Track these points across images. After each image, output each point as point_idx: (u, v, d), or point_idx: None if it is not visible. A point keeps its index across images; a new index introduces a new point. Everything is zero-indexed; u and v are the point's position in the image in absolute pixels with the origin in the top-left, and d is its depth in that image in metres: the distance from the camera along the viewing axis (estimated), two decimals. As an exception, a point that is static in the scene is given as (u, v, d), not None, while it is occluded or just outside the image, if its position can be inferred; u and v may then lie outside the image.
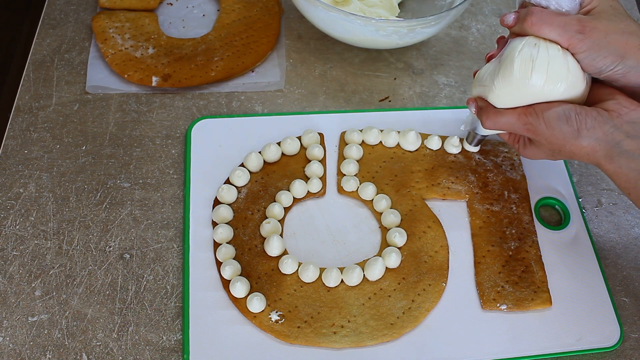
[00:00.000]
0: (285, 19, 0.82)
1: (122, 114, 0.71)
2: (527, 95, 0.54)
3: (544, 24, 0.53)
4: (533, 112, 0.54)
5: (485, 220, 0.65)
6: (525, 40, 0.54)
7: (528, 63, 0.53)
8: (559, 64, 0.53)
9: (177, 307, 0.59)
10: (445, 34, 0.83)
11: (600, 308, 0.60)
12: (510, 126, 0.56)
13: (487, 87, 0.57)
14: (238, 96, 0.74)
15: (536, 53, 0.53)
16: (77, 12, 0.80)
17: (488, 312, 0.60)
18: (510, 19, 0.56)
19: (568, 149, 0.54)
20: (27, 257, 0.61)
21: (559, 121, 0.53)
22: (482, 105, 0.58)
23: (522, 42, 0.54)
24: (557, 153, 0.56)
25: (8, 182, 0.65)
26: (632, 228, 0.67)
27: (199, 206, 0.64)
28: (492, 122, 0.57)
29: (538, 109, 0.54)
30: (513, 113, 0.56)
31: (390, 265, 0.61)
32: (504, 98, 0.56)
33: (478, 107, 0.59)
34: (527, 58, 0.53)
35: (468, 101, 0.60)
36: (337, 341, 0.57)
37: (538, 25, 0.53)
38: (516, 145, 0.61)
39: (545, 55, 0.53)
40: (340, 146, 0.70)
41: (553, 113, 0.53)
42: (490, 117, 0.57)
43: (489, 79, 0.57)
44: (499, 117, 0.56)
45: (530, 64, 0.53)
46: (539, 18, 0.53)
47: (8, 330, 0.56)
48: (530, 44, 0.54)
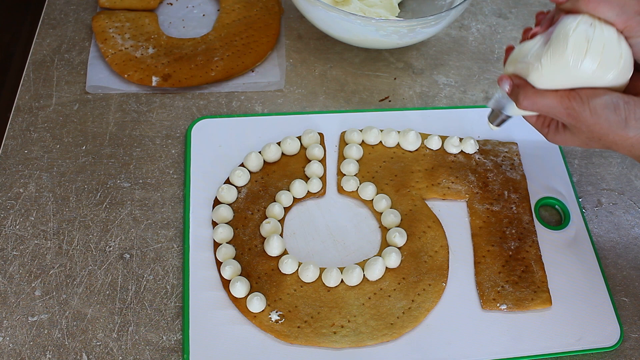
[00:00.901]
0: (285, 19, 0.82)
1: (122, 114, 0.71)
2: (574, 78, 0.51)
3: (602, 1, 0.49)
4: (578, 97, 0.51)
5: (485, 220, 0.65)
6: (580, 18, 0.50)
7: (583, 44, 0.49)
8: (614, 49, 0.50)
9: (177, 307, 0.59)
10: (445, 34, 0.83)
11: (600, 308, 0.60)
12: (550, 109, 0.53)
13: (530, 66, 0.52)
14: (238, 96, 0.74)
15: (592, 34, 0.49)
16: (77, 12, 0.80)
17: (488, 312, 0.60)
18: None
19: (610, 139, 0.51)
20: (27, 257, 0.61)
21: (606, 109, 0.50)
22: (518, 83, 0.54)
23: (577, 20, 0.50)
24: (595, 141, 0.53)
25: (8, 182, 0.65)
26: (632, 228, 0.67)
27: (199, 206, 0.64)
28: (531, 103, 0.53)
29: (583, 94, 0.51)
30: (555, 95, 0.52)
31: (390, 265, 0.61)
32: (548, 78, 0.52)
33: (514, 85, 0.54)
34: (582, 38, 0.49)
35: (501, 78, 0.55)
36: (337, 341, 0.57)
37: (595, 3, 0.49)
38: (545, 129, 0.57)
39: (601, 37, 0.49)
40: (340, 146, 0.70)
41: (601, 100, 0.50)
42: (529, 97, 0.53)
43: (534, 56, 0.52)
44: (539, 97, 0.52)
45: (585, 45, 0.49)
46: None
47: (8, 330, 0.56)
48: (585, 23, 0.50)
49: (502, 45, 0.82)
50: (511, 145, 0.70)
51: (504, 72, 0.56)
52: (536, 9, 0.87)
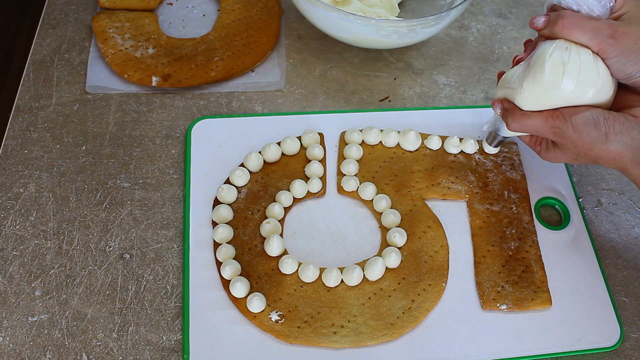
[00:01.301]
0: (285, 19, 0.82)
1: (122, 114, 0.71)
2: (555, 98, 0.54)
3: (576, 27, 0.53)
4: (560, 116, 0.54)
5: (485, 220, 0.65)
6: (556, 44, 0.54)
7: (559, 67, 0.53)
8: (590, 69, 0.53)
9: (177, 307, 0.59)
10: (445, 34, 0.83)
11: (600, 308, 0.60)
12: (537, 129, 0.56)
13: (515, 90, 0.56)
14: (238, 96, 0.74)
15: (567, 57, 0.53)
16: (77, 12, 0.80)
17: (488, 312, 0.60)
18: (540, 21, 0.55)
19: (594, 154, 0.54)
20: (27, 257, 0.61)
21: (587, 125, 0.53)
22: (508, 107, 0.58)
23: (553, 45, 0.54)
24: (582, 157, 0.56)
25: (8, 182, 0.65)
26: (632, 228, 0.67)
27: (199, 206, 0.64)
28: (518, 125, 0.57)
29: (566, 112, 0.54)
30: (540, 116, 0.55)
31: (390, 265, 0.61)
32: (531, 101, 0.56)
33: (504, 109, 0.59)
34: (559, 62, 0.53)
35: (493, 102, 0.59)
36: (337, 341, 0.57)
37: (569, 28, 0.53)
38: (537, 148, 0.61)
39: (577, 59, 0.53)
40: (340, 146, 0.70)
41: (581, 117, 0.53)
42: (517, 120, 0.57)
43: (517, 81, 0.56)
44: (526, 119, 0.56)
45: (562, 67, 0.53)
46: (571, 22, 0.53)
47: (8, 330, 0.56)
48: (561, 48, 0.53)
49: (502, 45, 0.83)
50: (511, 145, 0.70)
51: (496, 96, 0.60)
52: (536, 9, 0.87)
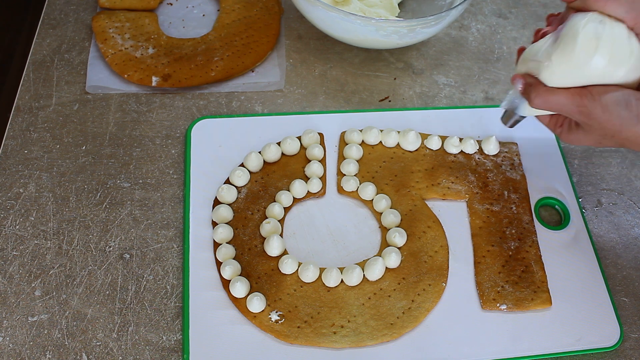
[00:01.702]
0: (285, 19, 0.82)
1: (122, 114, 0.71)
2: (584, 75, 0.51)
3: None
4: (589, 95, 0.51)
5: (485, 220, 0.65)
6: (589, 16, 0.51)
7: (592, 41, 0.50)
8: (624, 46, 0.50)
9: (177, 307, 0.59)
10: (445, 34, 0.83)
11: (600, 308, 0.60)
12: (562, 107, 0.53)
13: (541, 63, 0.53)
14: (238, 96, 0.74)
15: (601, 31, 0.50)
16: (77, 12, 0.80)
17: (488, 312, 0.60)
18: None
19: (624, 136, 0.51)
20: (27, 257, 0.61)
21: (617, 106, 0.50)
22: (531, 82, 0.54)
23: (586, 18, 0.51)
24: (608, 139, 0.53)
25: (8, 182, 0.65)
26: (632, 228, 0.67)
27: (199, 206, 0.64)
28: (543, 101, 0.53)
29: (595, 91, 0.51)
30: (566, 93, 0.52)
31: (390, 265, 0.61)
32: (558, 76, 0.52)
33: (526, 84, 0.55)
34: (592, 35, 0.50)
35: (514, 77, 0.56)
36: (337, 341, 0.57)
37: (604, 0, 0.50)
38: (558, 129, 0.57)
39: (611, 34, 0.50)
40: (340, 146, 0.70)
41: (612, 97, 0.50)
42: (541, 95, 0.53)
43: (545, 54, 0.53)
44: (551, 95, 0.52)
45: (595, 42, 0.50)
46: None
47: (8, 330, 0.56)
48: (595, 20, 0.50)
49: (502, 45, 0.82)
50: (511, 145, 0.70)
51: (516, 72, 0.56)
52: (536, 9, 0.87)
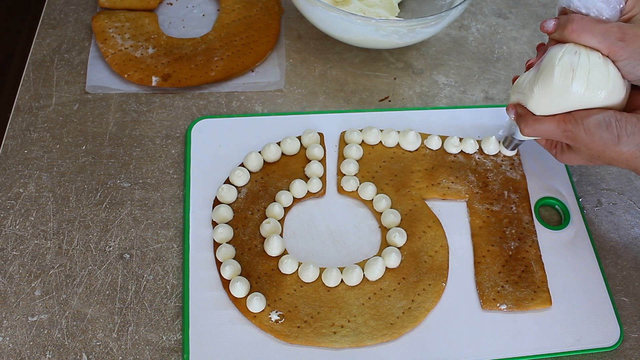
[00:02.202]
0: (285, 19, 0.82)
1: (122, 114, 0.71)
2: (567, 102, 0.54)
3: (585, 31, 0.53)
4: (572, 119, 0.54)
5: (485, 220, 0.65)
6: (565, 48, 0.54)
7: (569, 71, 0.53)
8: (600, 72, 0.53)
9: (177, 307, 0.59)
10: (445, 34, 0.83)
11: (600, 308, 0.60)
12: (550, 133, 0.56)
13: (526, 95, 0.57)
14: (238, 96, 0.74)
15: (577, 61, 0.53)
16: (77, 12, 0.80)
17: (488, 312, 0.60)
18: (550, 25, 0.55)
19: (608, 155, 0.54)
20: (27, 257, 0.61)
21: (599, 128, 0.53)
22: (521, 112, 0.58)
23: (562, 50, 0.54)
24: (596, 159, 0.56)
25: (8, 182, 0.65)
26: (632, 228, 0.67)
27: (199, 206, 0.64)
28: (531, 130, 0.57)
29: (577, 116, 0.54)
30: (552, 120, 0.56)
31: (390, 265, 0.61)
32: (543, 105, 0.56)
33: (517, 114, 0.59)
34: (568, 66, 0.53)
35: (507, 107, 0.60)
36: (337, 341, 0.57)
37: (578, 32, 0.53)
38: (553, 150, 0.61)
39: (586, 62, 0.53)
40: (340, 146, 0.70)
41: (593, 120, 0.53)
42: (529, 125, 0.57)
43: (528, 86, 0.57)
44: (538, 124, 0.56)
45: (571, 72, 0.53)
46: (580, 25, 0.53)
47: (8, 330, 0.56)
48: (570, 52, 0.54)
49: (502, 45, 0.83)
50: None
51: (510, 101, 0.60)
52: (536, 9, 0.87)
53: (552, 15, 0.86)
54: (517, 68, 0.80)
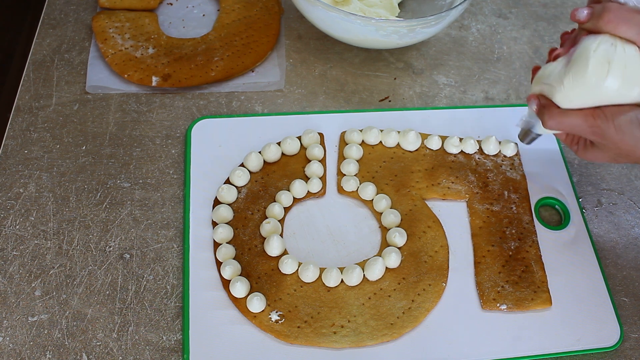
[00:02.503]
0: (285, 19, 0.82)
1: (122, 114, 0.71)
2: (598, 97, 0.52)
3: (623, 21, 0.50)
4: (602, 115, 0.51)
5: (485, 220, 0.65)
6: (600, 39, 0.51)
7: (604, 64, 0.50)
8: (636, 67, 0.50)
9: (177, 307, 0.59)
10: (445, 34, 0.83)
11: (600, 308, 0.60)
12: (576, 128, 0.54)
13: (554, 87, 0.54)
14: (238, 96, 0.74)
15: (613, 53, 0.50)
16: (77, 12, 0.80)
17: (488, 312, 0.60)
18: (583, 14, 0.52)
19: (637, 155, 0.52)
20: (27, 257, 0.61)
21: (631, 125, 0.50)
22: (544, 103, 0.55)
23: (597, 41, 0.51)
24: (623, 157, 0.54)
25: (8, 182, 0.65)
26: (632, 228, 0.67)
27: (199, 206, 0.64)
28: (556, 123, 0.54)
29: (608, 112, 0.51)
30: (580, 115, 0.53)
31: (390, 265, 0.61)
32: (571, 99, 0.53)
33: (540, 105, 0.56)
34: (603, 59, 0.50)
35: (529, 98, 0.57)
36: (337, 341, 0.57)
37: (615, 22, 0.50)
38: (574, 146, 0.58)
39: (623, 56, 0.50)
40: (340, 146, 0.70)
41: (626, 118, 0.51)
42: (554, 117, 0.54)
43: (557, 77, 0.53)
44: (564, 117, 0.53)
45: (607, 65, 0.50)
46: (617, 15, 0.50)
47: (8, 330, 0.56)
48: (606, 43, 0.51)
49: (502, 45, 0.83)
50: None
51: (531, 92, 0.57)
52: (536, 9, 0.87)
53: (552, 15, 0.86)
54: (517, 68, 0.80)
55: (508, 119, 0.73)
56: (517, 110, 0.74)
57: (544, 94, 0.56)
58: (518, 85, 0.78)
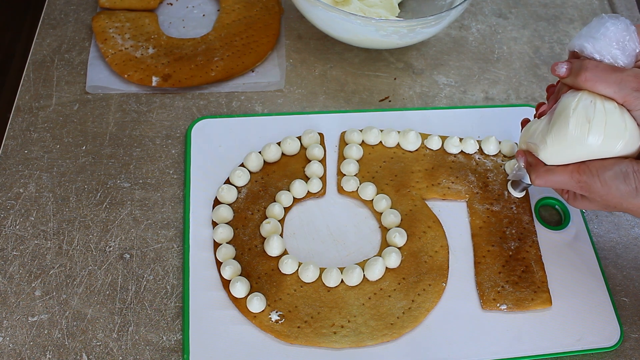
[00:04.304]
0: (285, 19, 0.82)
1: (122, 114, 0.71)
2: (581, 153, 0.52)
3: (600, 80, 0.51)
4: (587, 170, 0.52)
5: (485, 220, 0.65)
6: (579, 97, 0.52)
7: (584, 123, 0.51)
8: (616, 122, 0.51)
9: (177, 307, 0.59)
10: (445, 34, 0.83)
11: (600, 308, 0.60)
12: (563, 184, 0.54)
13: (538, 145, 0.55)
14: (238, 96, 0.74)
15: (592, 112, 0.51)
16: (77, 12, 0.80)
17: (488, 312, 0.60)
18: (562, 69, 0.53)
19: (625, 207, 0.52)
20: (27, 257, 0.61)
21: (615, 180, 0.51)
22: (531, 161, 0.57)
23: (576, 99, 0.52)
24: (612, 208, 0.54)
25: (8, 182, 0.65)
26: (632, 228, 0.67)
27: (199, 206, 0.64)
28: (544, 181, 0.55)
29: (593, 167, 0.52)
30: (565, 171, 0.54)
31: (390, 265, 0.61)
32: (556, 155, 0.54)
33: (527, 163, 0.57)
34: (583, 117, 0.51)
35: (517, 154, 0.58)
36: (337, 341, 0.57)
37: (593, 81, 0.51)
38: (565, 195, 0.59)
39: (602, 113, 0.51)
40: (340, 146, 0.70)
41: (610, 172, 0.51)
42: (541, 176, 0.55)
43: (540, 136, 0.54)
44: (550, 175, 0.55)
45: (587, 124, 0.51)
46: (594, 74, 0.51)
47: (8, 330, 0.56)
48: (585, 101, 0.52)
49: (502, 45, 0.83)
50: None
51: (519, 147, 0.59)
52: (536, 9, 0.87)
53: (552, 15, 0.86)
54: (517, 68, 0.80)
55: (508, 119, 0.73)
56: (517, 110, 0.74)
57: (530, 150, 0.57)
58: (518, 85, 0.78)
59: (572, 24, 0.85)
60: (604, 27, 0.52)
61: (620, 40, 0.51)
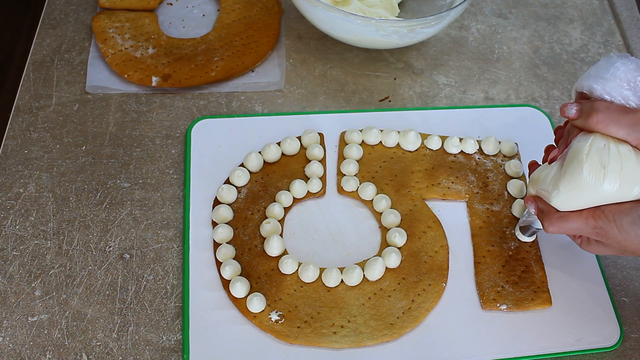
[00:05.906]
0: (285, 19, 0.82)
1: (122, 114, 0.71)
2: (596, 198, 0.50)
3: (612, 122, 0.49)
4: (603, 216, 0.50)
5: (485, 220, 0.65)
6: (591, 141, 0.50)
7: (599, 169, 0.49)
8: (632, 165, 0.49)
9: (177, 307, 0.59)
10: (445, 34, 0.83)
11: (600, 308, 0.60)
12: (577, 231, 0.52)
13: (550, 191, 0.53)
14: (238, 96, 0.74)
15: (607, 157, 0.49)
16: (77, 12, 0.80)
17: (488, 312, 0.60)
18: (572, 112, 0.51)
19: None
20: (27, 257, 0.61)
21: (633, 225, 0.49)
22: (543, 207, 0.54)
23: (589, 143, 0.50)
24: (629, 253, 0.52)
25: (8, 182, 0.65)
26: (632, 228, 0.67)
27: (199, 206, 0.64)
28: (557, 228, 0.53)
29: (609, 212, 0.50)
30: (580, 217, 0.51)
31: (390, 265, 0.61)
32: (569, 201, 0.52)
33: (538, 209, 0.55)
34: (597, 163, 0.49)
35: (526, 200, 0.56)
36: (337, 341, 0.57)
37: (605, 123, 0.49)
38: (577, 240, 0.56)
39: (617, 158, 0.49)
40: (340, 146, 0.70)
41: (628, 217, 0.49)
42: (554, 223, 0.53)
43: (552, 183, 0.52)
44: (564, 222, 0.52)
45: (602, 170, 0.49)
46: (606, 116, 0.49)
47: (8, 330, 0.56)
48: (598, 145, 0.49)
49: (502, 45, 0.82)
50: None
51: (528, 192, 0.57)
52: (536, 9, 0.87)
53: (552, 15, 0.86)
54: (517, 68, 0.80)
55: (508, 119, 0.73)
56: (517, 110, 0.74)
57: (541, 197, 0.55)
58: (518, 85, 0.78)
59: (572, 24, 0.85)
60: (613, 67, 0.50)
61: (632, 81, 0.50)
